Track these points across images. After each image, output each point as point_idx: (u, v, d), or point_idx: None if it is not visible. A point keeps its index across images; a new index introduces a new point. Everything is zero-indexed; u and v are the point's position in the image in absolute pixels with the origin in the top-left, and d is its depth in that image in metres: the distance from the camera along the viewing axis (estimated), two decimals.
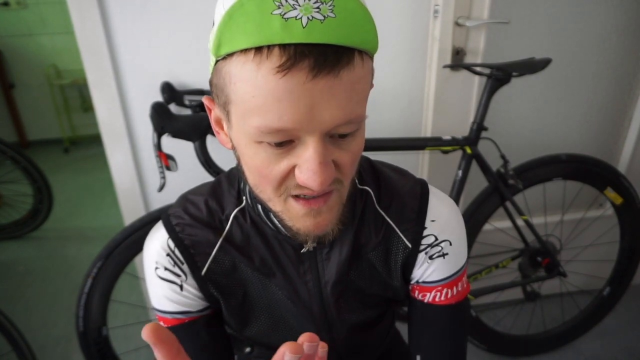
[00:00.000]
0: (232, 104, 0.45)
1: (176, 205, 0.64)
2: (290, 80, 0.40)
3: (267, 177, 0.47)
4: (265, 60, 0.40)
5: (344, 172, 0.49)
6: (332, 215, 0.51)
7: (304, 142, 0.44)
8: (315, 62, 0.40)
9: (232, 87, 0.44)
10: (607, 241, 1.65)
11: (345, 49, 0.41)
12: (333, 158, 0.46)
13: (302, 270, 0.62)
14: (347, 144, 0.47)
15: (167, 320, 0.62)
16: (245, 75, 0.42)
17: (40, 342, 1.70)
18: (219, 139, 0.56)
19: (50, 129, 3.66)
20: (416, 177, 0.67)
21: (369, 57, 0.47)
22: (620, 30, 1.48)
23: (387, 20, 1.30)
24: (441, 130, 1.42)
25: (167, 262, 0.61)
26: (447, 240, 0.63)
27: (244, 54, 0.41)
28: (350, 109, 0.43)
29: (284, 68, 0.40)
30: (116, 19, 1.18)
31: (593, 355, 1.59)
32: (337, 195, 0.50)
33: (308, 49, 0.40)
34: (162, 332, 0.36)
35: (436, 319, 0.66)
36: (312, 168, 0.44)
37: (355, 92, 0.44)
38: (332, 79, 0.41)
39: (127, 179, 1.36)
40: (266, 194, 0.50)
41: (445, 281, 0.65)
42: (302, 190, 0.47)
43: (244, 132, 0.46)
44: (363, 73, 0.45)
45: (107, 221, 2.57)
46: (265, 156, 0.46)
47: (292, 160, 0.46)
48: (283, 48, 0.40)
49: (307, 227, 0.50)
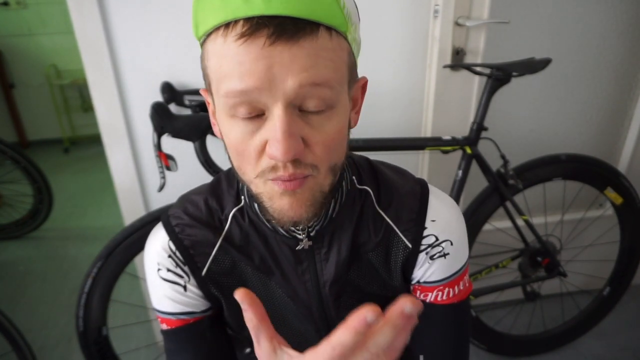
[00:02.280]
0: (212, 83, 0.48)
1: (176, 206, 0.64)
2: (250, 46, 0.42)
3: (244, 153, 0.47)
4: (230, 32, 0.43)
5: (317, 154, 0.47)
6: (306, 198, 0.49)
7: (272, 114, 0.44)
8: (274, 29, 0.42)
9: (208, 64, 0.47)
10: (607, 241, 1.65)
11: (307, 22, 0.42)
12: (302, 134, 0.46)
13: (301, 270, 0.62)
14: (320, 122, 0.46)
15: (170, 321, 0.62)
16: (216, 49, 0.45)
17: (40, 342, 1.70)
18: (214, 130, 0.56)
19: (50, 129, 3.66)
20: (416, 177, 0.67)
21: (342, 37, 0.46)
22: (620, 30, 1.48)
23: (387, 20, 1.30)
24: (441, 130, 1.41)
25: (169, 263, 0.60)
26: (448, 240, 0.63)
27: (216, 32, 0.44)
28: (314, 72, 0.43)
29: (244, 35, 0.42)
30: (116, 19, 1.18)
31: (593, 355, 1.59)
32: (312, 181, 0.49)
33: (268, 19, 0.42)
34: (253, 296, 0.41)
35: (439, 319, 0.66)
36: (276, 137, 0.44)
37: (322, 59, 0.44)
38: (291, 44, 0.42)
39: (127, 179, 1.36)
40: (247, 176, 0.50)
41: (446, 280, 0.64)
42: (276, 173, 0.47)
43: (220, 107, 0.47)
44: (332, 46, 0.45)
45: (107, 221, 2.57)
46: (239, 131, 0.46)
47: (264, 134, 0.46)
48: (246, 20, 0.42)
49: (283, 207, 0.49)
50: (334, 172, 0.51)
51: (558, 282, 1.51)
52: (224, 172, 0.66)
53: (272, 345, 0.42)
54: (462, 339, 0.68)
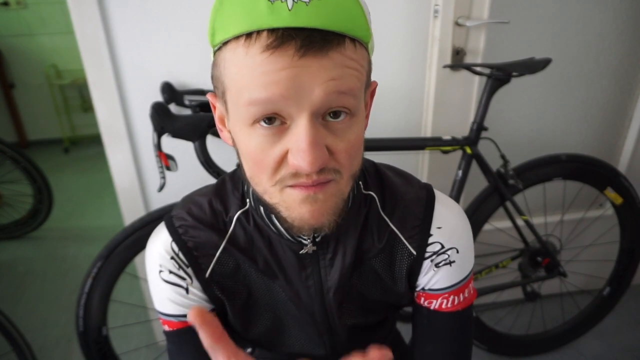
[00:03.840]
0: (227, 91, 0.46)
1: (179, 207, 0.63)
2: (277, 58, 0.41)
3: (262, 163, 0.46)
4: (254, 43, 0.42)
5: (340, 161, 0.47)
6: (328, 205, 0.49)
7: (296, 123, 0.44)
8: (302, 42, 0.41)
9: (226, 73, 0.45)
10: (607, 241, 1.65)
11: (334, 34, 0.42)
12: (326, 143, 0.45)
13: (305, 276, 0.61)
14: (342, 131, 0.46)
15: (172, 323, 0.62)
16: (237, 60, 0.43)
17: (40, 342, 1.70)
18: (222, 136, 0.55)
19: (50, 129, 3.66)
20: (422, 182, 0.66)
21: (363, 47, 0.46)
22: (620, 30, 1.48)
23: (387, 20, 1.30)
24: (441, 130, 1.41)
25: (171, 265, 0.60)
26: (454, 247, 0.62)
27: (236, 41, 0.43)
28: (340, 82, 0.43)
29: (271, 47, 0.41)
30: (116, 19, 1.18)
31: (593, 355, 1.59)
32: (335, 186, 0.48)
33: (295, 32, 0.41)
34: (207, 315, 0.40)
35: (442, 326, 0.65)
36: (302, 147, 0.43)
37: (348, 69, 0.44)
38: (320, 58, 0.42)
39: (127, 179, 1.36)
40: (262, 186, 0.49)
41: (452, 288, 0.64)
42: (298, 180, 0.46)
43: (238, 117, 0.46)
44: (356, 57, 0.45)
45: (107, 221, 2.57)
46: (259, 141, 0.46)
47: (285, 144, 0.45)
48: (271, 32, 0.41)
49: (303, 215, 0.48)
50: (354, 178, 0.52)
51: (558, 282, 1.51)
52: (228, 174, 0.66)
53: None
54: (465, 346, 0.68)
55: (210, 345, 0.41)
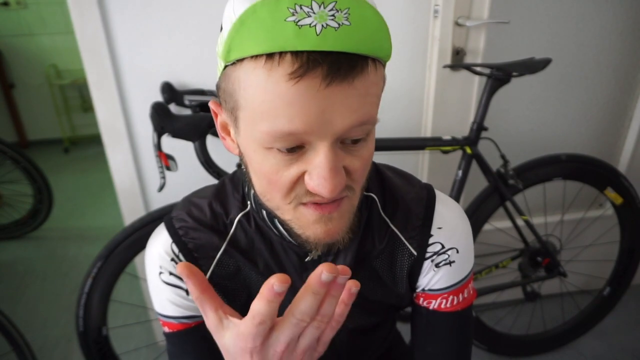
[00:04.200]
0: (241, 110, 0.45)
1: (179, 208, 0.63)
2: (303, 87, 0.40)
3: (276, 183, 0.46)
4: (277, 66, 0.40)
5: (355, 179, 0.48)
6: (343, 223, 0.50)
7: (315, 147, 0.43)
8: (329, 70, 0.39)
9: (242, 93, 0.43)
10: (607, 241, 1.65)
11: (359, 57, 0.41)
12: (344, 164, 0.45)
13: (306, 278, 0.61)
14: (358, 150, 0.46)
15: (172, 325, 0.62)
16: (256, 81, 0.41)
17: (40, 342, 1.70)
18: (225, 144, 0.55)
19: (50, 129, 3.66)
20: (422, 183, 0.66)
21: (382, 65, 0.46)
22: (620, 30, 1.48)
23: (387, 20, 1.29)
24: (441, 130, 1.41)
25: (172, 267, 0.60)
26: (454, 248, 0.62)
27: (255, 60, 0.41)
28: (362, 112, 0.43)
29: (297, 75, 0.39)
30: (116, 19, 1.18)
31: (593, 355, 1.59)
32: (348, 202, 0.49)
33: (321, 56, 0.39)
34: (193, 267, 0.42)
35: (442, 326, 0.65)
36: (322, 174, 0.43)
37: (369, 96, 0.44)
38: (346, 87, 0.41)
39: (127, 179, 1.36)
40: (274, 202, 0.49)
41: (451, 288, 0.64)
42: (313, 198, 0.46)
43: (253, 138, 0.45)
44: (376, 79, 0.44)
45: (107, 221, 2.57)
46: (274, 162, 0.45)
47: (302, 166, 0.45)
48: (295, 55, 0.39)
49: (318, 235, 0.49)
50: (363, 189, 0.52)
51: (558, 282, 1.51)
52: (228, 176, 0.66)
53: (217, 316, 0.43)
54: (465, 346, 0.68)
55: (198, 296, 0.42)
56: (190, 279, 0.41)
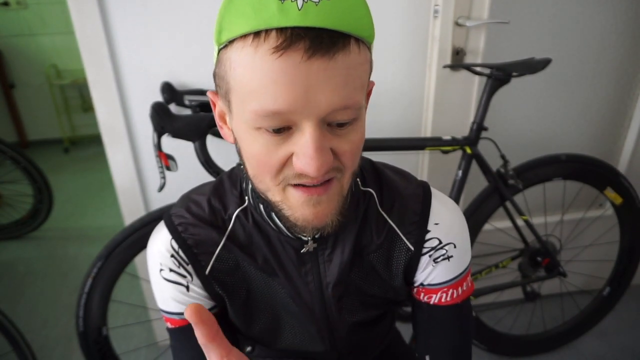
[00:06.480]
0: (232, 91, 0.46)
1: (178, 205, 0.64)
2: (286, 61, 0.41)
3: (266, 164, 0.47)
4: (263, 43, 0.42)
5: (344, 161, 0.48)
6: (332, 206, 0.50)
7: (301, 128, 0.44)
8: (310, 43, 0.41)
9: (232, 74, 0.45)
10: (607, 241, 1.65)
11: (341, 34, 0.42)
12: (331, 146, 0.46)
13: (304, 271, 0.62)
14: (346, 133, 0.47)
15: (174, 321, 0.62)
16: (244, 60, 0.43)
17: (40, 342, 1.70)
18: (222, 133, 0.56)
19: (50, 129, 3.66)
20: (418, 180, 0.67)
21: (366, 47, 0.47)
22: (620, 30, 1.48)
23: (387, 20, 1.30)
24: (441, 130, 1.41)
25: (171, 263, 0.60)
26: (451, 243, 0.63)
27: (243, 40, 0.43)
28: (346, 94, 0.44)
29: (280, 49, 0.41)
30: (116, 19, 1.18)
31: (593, 355, 1.59)
32: (337, 184, 0.50)
33: (304, 31, 0.41)
34: (204, 313, 0.40)
35: (443, 319, 0.67)
36: (308, 153, 0.44)
37: (352, 77, 0.44)
38: (327, 60, 0.42)
39: (127, 179, 1.36)
40: (265, 184, 0.50)
41: (450, 282, 0.65)
42: (301, 179, 0.47)
43: (244, 120, 0.46)
44: (360, 60, 0.45)
45: (107, 221, 2.57)
46: (263, 143, 0.46)
47: (290, 147, 0.46)
48: (280, 31, 0.41)
49: (306, 216, 0.50)
50: (354, 175, 0.53)
51: (558, 282, 1.51)
52: (226, 172, 0.67)
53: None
54: (466, 336, 0.69)
55: (204, 344, 0.41)
56: (199, 326, 0.40)
